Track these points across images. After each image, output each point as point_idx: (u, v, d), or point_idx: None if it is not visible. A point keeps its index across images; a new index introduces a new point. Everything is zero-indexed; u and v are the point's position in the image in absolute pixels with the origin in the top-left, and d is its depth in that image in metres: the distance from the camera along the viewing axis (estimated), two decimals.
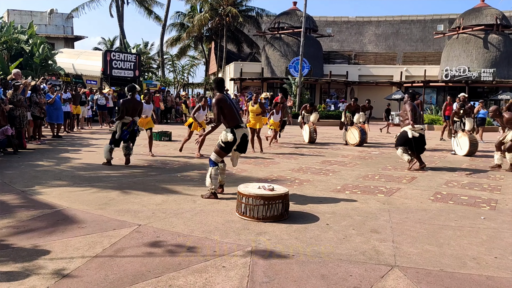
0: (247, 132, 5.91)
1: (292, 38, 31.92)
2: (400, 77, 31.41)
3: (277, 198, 4.83)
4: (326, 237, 4.32)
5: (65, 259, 3.59)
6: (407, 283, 3.32)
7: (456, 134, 11.45)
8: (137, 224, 4.57)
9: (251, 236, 4.29)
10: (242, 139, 5.79)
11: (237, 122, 5.76)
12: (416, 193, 6.48)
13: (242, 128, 5.76)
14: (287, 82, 26.14)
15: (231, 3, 33.73)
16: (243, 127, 5.78)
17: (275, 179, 7.29)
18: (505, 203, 6.00)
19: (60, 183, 6.61)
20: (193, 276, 3.33)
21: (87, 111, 17.45)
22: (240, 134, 5.72)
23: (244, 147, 5.95)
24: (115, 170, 7.91)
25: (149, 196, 5.88)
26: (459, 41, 29.60)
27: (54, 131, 13.22)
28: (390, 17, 37.80)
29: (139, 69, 24.74)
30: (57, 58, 22.27)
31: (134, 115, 8.35)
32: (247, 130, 5.91)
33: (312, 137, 13.43)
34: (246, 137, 5.88)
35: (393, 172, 8.40)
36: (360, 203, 5.75)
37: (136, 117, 8.43)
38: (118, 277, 3.27)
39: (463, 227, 4.78)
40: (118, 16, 35.07)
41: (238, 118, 5.82)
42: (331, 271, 3.49)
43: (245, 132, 5.81)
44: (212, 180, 5.71)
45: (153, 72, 42.45)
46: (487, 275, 3.50)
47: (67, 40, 33.36)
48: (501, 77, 27.80)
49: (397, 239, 4.30)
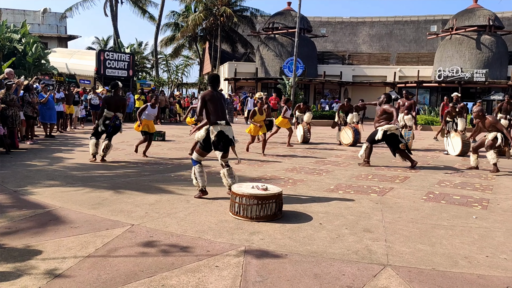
0: (226, 130, 5.69)
1: (286, 38, 31.96)
2: (394, 77, 31.54)
3: (271, 198, 4.84)
4: (319, 237, 4.33)
5: (57, 259, 3.58)
6: (399, 282, 3.34)
7: (448, 134, 11.53)
8: (130, 224, 4.56)
9: (245, 235, 4.30)
10: (220, 137, 5.65)
11: (216, 120, 5.67)
12: (409, 193, 6.51)
13: (218, 125, 5.64)
14: (281, 82, 26.15)
15: (226, 3, 33.72)
16: (220, 124, 5.65)
17: (268, 178, 7.30)
18: (497, 202, 6.05)
19: (53, 183, 6.58)
20: (186, 275, 3.32)
21: (80, 111, 17.37)
22: (215, 132, 5.63)
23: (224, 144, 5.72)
24: (108, 169, 7.88)
25: (142, 196, 5.87)
26: (452, 42, 29.78)
27: (47, 130, 13.15)
28: (384, 17, 37.95)
29: (133, 69, 24.68)
30: (50, 58, 22.14)
31: (117, 111, 8.63)
32: (226, 127, 5.70)
33: (306, 137, 13.45)
34: (224, 134, 5.67)
35: (386, 171, 8.44)
36: (353, 203, 5.77)
37: (119, 113, 8.67)
38: (110, 277, 3.26)
39: (455, 227, 4.82)
40: (112, 15, 34.92)
41: (219, 116, 5.70)
42: (324, 270, 3.50)
43: (222, 130, 5.64)
44: (198, 179, 5.72)
45: (147, 72, 42.30)
46: (479, 273, 3.53)
47: (60, 39, 33.18)
48: (493, 78, 28.00)
49: (390, 239, 4.32)
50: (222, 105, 5.86)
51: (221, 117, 5.72)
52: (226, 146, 5.79)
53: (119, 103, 8.68)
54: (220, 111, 5.75)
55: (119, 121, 8.75)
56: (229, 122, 5.85)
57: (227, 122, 5.78)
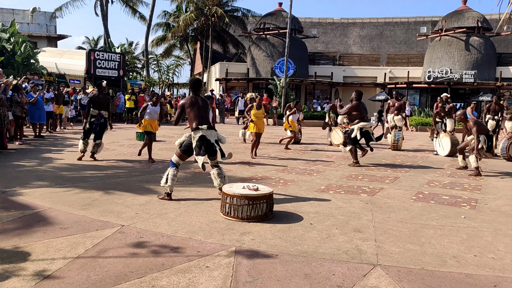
0: (208, 134, 5.64)
1: (277, 39, 32.01)
2: (384, 78, 31.74)
3: (262, 198, 4.85)
4: (309, 237, 4.35)
5: (46, 260, 3.55)
6: (388, 281, 3.36)
7: (438, 135, 11.63)
8: (120, 225, 4.54)
9: (235, 236, 4.30)
10: (201, 142, 5.60)
11: (198, 125, 5.64)
12: (399, 193, 6.56)
13: (200, 130, 5.60)
14: (273, 82, 26.19)
15: (217, 3, 33.65)
16: (202, 129, 5.60)
17: (259, 179, 7.31)
18: (485, 202, 6.11)
19: (42, 183, 6.52)
20: (177, 276, 3.32)
21: (70, 111, 17.24)
22: (196, 137, 5.59)
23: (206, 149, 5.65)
24: (98, 170, 7.84)
25: (132, 196, 5.84)
26: (441, 43, 30.03)
27: (36, 131, 13.03)
28: (374, 19, 38.18)
29: (123, 69, 24.52)
30: (40, 57, 21.94)
31: (101, 109, 8.88)
32: (208, 132, 5.64)
33: (297, 138, 13.48)
34: (205, 138, 5.61)
35: (376, 172, 8.49)
36: (344, 203, 5.80)
37: (103, 111, 8.90)
38: (100, 278, 3.25)
39: (444, 226, 4.86)
40: (102, 15, 34.68)
41: (200, 121, 5.67)
42: (314, 270, 3.52)
43: (204, 134, 5.60)
44: (169, 181, 5.63)
45: (138, 72, 42.14)
46: (467, 273, 3.57)
47: (50, 39, 32.89)
48: (482, 79, 28.28)
49: (380, 238, 4.36)
50: (203, 110, 5.80)
51: (202, 122, 5.68)
52: (210, 151, 5.71)
53: (104, 101, 8.95)
54: (201, 116, 5.71)
55: (104, 118, 8.96)
56: (212, 126, 5.80)
57: (210, 126, 5.71)
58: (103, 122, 8.96)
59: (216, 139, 5.76)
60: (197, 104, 5.76)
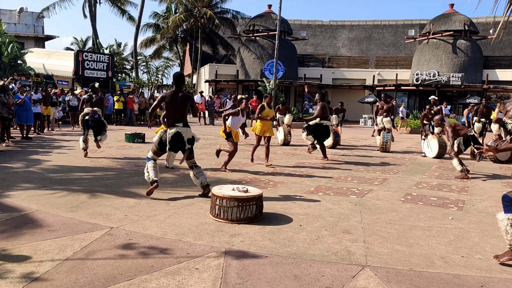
0: (182, 131, 5.85)
1: (267, 41, 32.08)
2: (373, 80, 31.99)
3: (251, 200, 4.85)
4: (299, 238, 4.36)
5: (34, 262, 3.51)
6: (377, 282, 3.39)
7: (426, 137, 11.75)
8: (109, 227, 4.51)
9: (225, 238, 4.30)
10: (175, 138, 5.81)
11: (174, 122, 5.82)
12: (387, 194, 6.61)
13: (176, 127, 5.81)
14: (262, 84, 26.21)
15: (206, 4, 33.61)
16: (177, 126, 5.81)
17: (249, 181, 7.31)
18: (472, 203, 6.19)
19: (30, 185, 6.45)
20: (166, 278, 3.31)
21: (58, 112, 17.07)
22: (171, 133, 5.79)
23: (178, 146, 5.91)
24: (87, 172, 7.78)
25: (121, 198, 5.80)
26: (429, 46, 30.36)
27: (23, 132, 12.89)
28: (363, 21, 38.47)
29: (112, 70, 24.37)
30: (27, 58, 21.71)
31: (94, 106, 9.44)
32: (184, 129, 5.85)
33: (287, 140, 13.51)
34: (180, 135, 5.83)
35: (365, 173, 8.54)
36: (333, 204, 5.83)
37: (96, 108, 9.42)
38: (89, 281, 3.22)
39: (432, 227, 4.91)
40: (90, 15, 34.39)
41: (176, 118, 5.85)
42: (304, 272, 3.53)
43: (179, 131, 5.81)
44: (150, 172, 5.88)
45: (127, 73, 41.87)
46: (454, 273, 3.61)
47: (37, 39, 32.59)
48: (469, 82, 28.63)
49: (369, 240, 4.38)
50: (181, 107, 5.91)
51: (179, 119, 5.86)
52: (183, 148, 5.93)
53: (97, 101, 9.57)
54: (178, 114, 5.87)
55: (98, 115, 9.44)
56: (187, 124, 5.95)
57: (185, 124, 5.90)
58: (98, 117, 9.41)
59: (190, 137, 5.95)
60: (177, 100, 5.88)
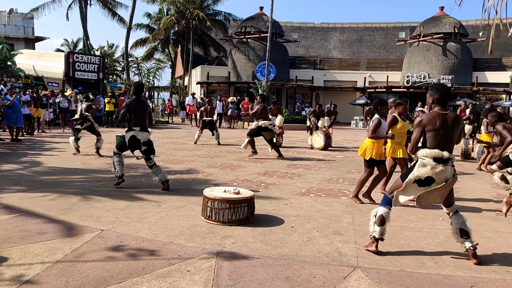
0: (138, 135, 6.44)
1: (258, 43, 32.11)
2: (364, 82, 32.15)
3: (243, 202, 4.85)
4: (290, 240, 4.37)
5: (24, 265, 3.48)
6: (368, 283, 3.40)
7: None
8: (99, 229, 4.48)
9: (217, 239, 4.30)
10: (131, 140, 6.44)
11: (133, 126, 6.47)
12: (378, 196, 6.63)
13: (133, 130, 6.46)
14: (254, 86, 26.22)
15: (198, 6, 33.58)
16: (134, 130, 6.45)
17: (241, 182, 7.31)
18: (461, 205, 6.24)
19: (19, 188, 6.40)
20: (157, 280, 3.30)
21: (48, 114, 16.94)
22: (128, 136, 6.45)
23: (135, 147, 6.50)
24: (77, 174, 7.73)
25: (112, 201, 5.78)
26: (419, 49, 30.60)
27: (13, 134, 12.76)
28: (354, 23, 38.66)
29: (103, 72, 24.24)
30: (17, 59, 21.53)
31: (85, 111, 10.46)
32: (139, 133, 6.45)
33: (278, 142, 13.50)
34: (135, 138, 6.43)
35: (357, 175, 8.58)
36: (324, 206, 5.85)
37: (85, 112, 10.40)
38: (79, 283, 3.20)
39: (422, 228, 4.95)
40: (81, 17, 34.16)
41: (136, 122, 6.47)
42: (295, 273, 3.54)
43: (134, 134, 6.43)
44: (116, 167, 6.63)
45: (118, 75, 41.65)
46: (444, 274, 3.64)
47: (27, 40, 32.28)
48: (459, 84, 28.91)
49: (360, 241, 4.41)
50: (142, 113, 6.55)
51: (137, 124, 6.49)
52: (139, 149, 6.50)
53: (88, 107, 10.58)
54: (138, 118, 6.50)
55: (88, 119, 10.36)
56: (146, 128, 6.58)
57: (143, 128, 6.51)
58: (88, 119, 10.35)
59: (146, 140, 6.47)
60: (138, 107, 6.52)
